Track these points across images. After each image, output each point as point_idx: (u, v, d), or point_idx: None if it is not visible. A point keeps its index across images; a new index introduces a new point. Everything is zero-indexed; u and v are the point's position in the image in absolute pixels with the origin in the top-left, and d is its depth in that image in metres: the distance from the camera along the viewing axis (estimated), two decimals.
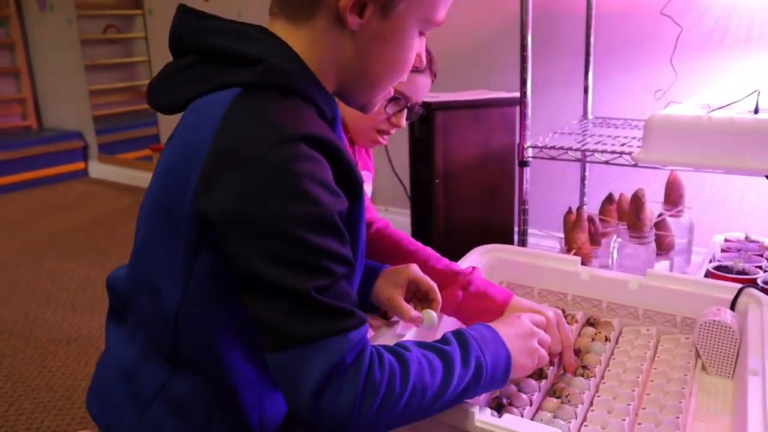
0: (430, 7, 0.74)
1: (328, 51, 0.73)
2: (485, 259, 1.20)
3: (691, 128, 1.25)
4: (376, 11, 0.71)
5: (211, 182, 0.64)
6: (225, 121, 0.65)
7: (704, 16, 1.87)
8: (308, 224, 0.62)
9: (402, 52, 0.75)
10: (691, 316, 1.03)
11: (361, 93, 0.78)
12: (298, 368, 0.62)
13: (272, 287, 0.62)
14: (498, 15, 2.31)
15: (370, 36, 0.72)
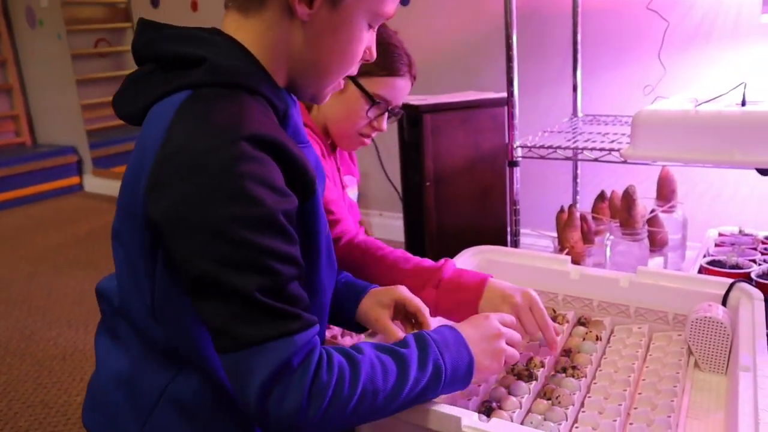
0: (376, 2, 0.76)
1: (278, 41, 0.74)
2: (475, 260, 1.19)
3: (678, 123, 1.25)
4: (325, 2, 0.72)
5: (157, 187, 0.65)
6: (170, 126, 0.66)
7: (691, 10, 1.87)
8: (251, 225, 0.62)
9: (350, 43, 0.76)
10: (682, 312, 1.02)
11: (311, 84, 0.79)
12: (244, 371, 0.63)
13: (216, 290, 0.63)
14: (484, 16, 2.31)
15: (320, 26, 0.73)
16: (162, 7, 3.41)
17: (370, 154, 2.76)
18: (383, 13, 0.77)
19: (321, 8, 0.72)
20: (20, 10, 4.22)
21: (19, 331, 2.16)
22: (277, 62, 0.75)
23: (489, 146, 1.92)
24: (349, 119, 1.20)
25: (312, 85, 0.79)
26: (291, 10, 0.72)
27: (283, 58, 0.75)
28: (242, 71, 0.70)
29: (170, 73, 0.71)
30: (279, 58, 0.75)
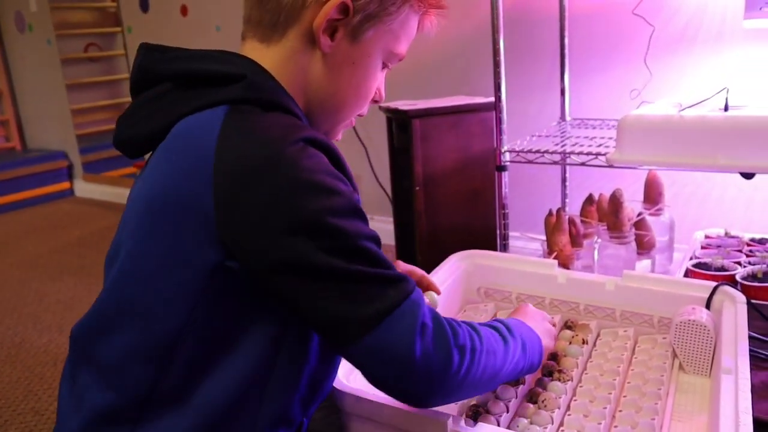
0: (393, 38, 0.78)
1: (298, 70, 0.75)
2: (463, 265, 1.20)
3: (663, 128, 1.26)
4: (346, 35, 0.74)
5: (231, 205, 0.63)
6: (224, 140, 0.64)
7: (676, 14, 1.89)
8: (337, 212, 0.64)
9: (367, 78, 0.78)
10: (667, 316, 1.03)
11: (326, 117, 0.80)
12: (387, 346, 0.63)
13: (326, 280, 0.63)
14: (473, 20, 2.32)
15: (339, 59, 0.75)
16: (152, 12, 3.41)
17: (360, 158, 2.77)
18: (397, 53, 0.80)
19: (342, 41, 0.74)
20: (9, 15, 4.21)
21: (10, 338, 2.16)
22: (296, 92, 0.75)
23: (478, 150, 1.93)
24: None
25: (327, 119, 0.80)
26: (313, 41, 0.73)
27: (302, 88, 0.76)
28: (280, 91, 0.72)
29: (195, 90, 0.70)
30: (298, 89, 0.75)
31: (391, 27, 0.77)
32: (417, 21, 0.81)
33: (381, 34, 0.76)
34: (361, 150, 2.75)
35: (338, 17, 0.72)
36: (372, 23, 0.75)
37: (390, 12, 0.76)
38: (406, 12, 0.77)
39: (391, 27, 0.77)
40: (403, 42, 0.80)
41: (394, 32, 0.77)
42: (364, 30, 0.75)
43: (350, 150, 2.81)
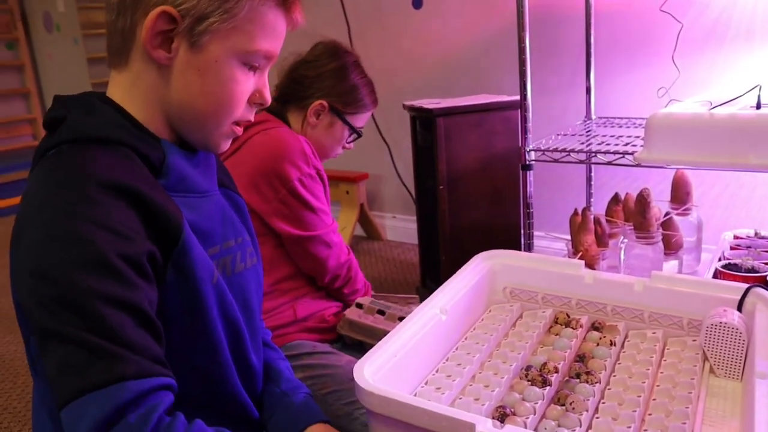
0: (244, 36, 0.74)
1: (146, 91, 0.75)
2: (488, 265, 1.19)
3: (692, 126, 1.24)
4: (184, 44, 0.72)
5: (14, 241, 0.67)
6: (28, 182, 0.69)
7: (705, 11, 1.86)
8: (78, 266, 0.61)
9: (222, 85, 0.75)
10: (697, 317, 1.01)
11: (192, 130, 0.78)
12: (74, 421, 0.59)
13: (49, 338, 0.61)
14: (497, 18, 2.31)
15: (182, 69, 0.73)
16: None
17: (383, 157, 2.77)
18: (256, 51, 0.75)
19: (181, 51, 0.72)
20: (38, 15, 4.27)
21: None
22: (151, 112, 0.75)
23: (502, 149, 1.92)
24: (333, 146, 1.47)
25: (195, 131, 0.78)
26: (151, 57, 0.72)
27: (158, 106, 0.75)
28: (100, 125, 0.71)
29: (46, 138, 0.73)
30: (153, 108, 0.75)
31: (235, 25, 0.73)
32: (276, 12, 0.76)
33: (224, 34, 0.73)
34: (384, 149, 2.75)
35: (167, 27, 0.71)
36: (208, 25, 0.72)
37: (226, 9, 0.72)
38: (246, 7, 0.73)
39: (236, 25, 0.73)
40: (261, 38, 0.75)
41: (240, 30, 0.73)
42: (201, 34, 0.72)
43: (373, 149, 2.81)
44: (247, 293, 0.87)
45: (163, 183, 0.74)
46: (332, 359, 1.26)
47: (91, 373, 0.59)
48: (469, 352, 0.98)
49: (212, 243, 0.80)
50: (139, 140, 0.73)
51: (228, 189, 0.91)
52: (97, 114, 0.73)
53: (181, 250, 0.71)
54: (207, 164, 0.83)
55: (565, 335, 1.02)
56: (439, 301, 0.99)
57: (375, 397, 0.77)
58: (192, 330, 0.75)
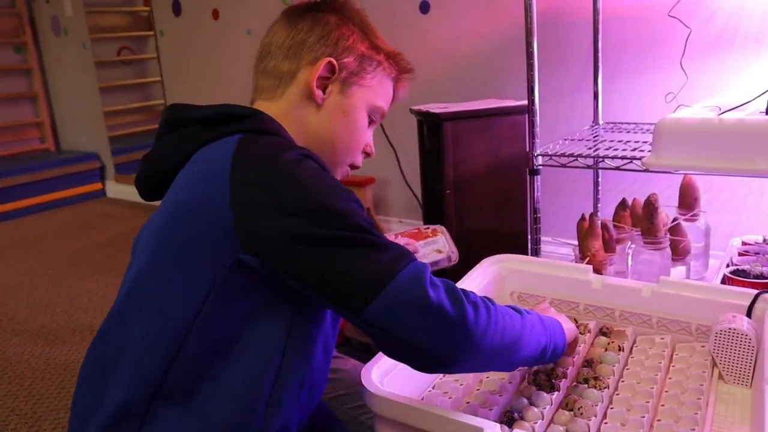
0: (374, 94, 0.92)
1: (297, 119, 0.89)
2: (496, 269, 1.19)
3: (701, 131, 1.24)
4: (336, 89, 0.89)
5: (245, 203, 0.71)
6: (238, 154, 0.74)
7: (713, 16, 1.85)
8: (335, 197, 0.71)
9: (356, 127, 0.92)
10: (706, 323, 1.01)
11: (325, 158, 0.86)
12: (400, 299, 0.67)
13: (335, 247, 0.69)
14: (504, 23, 2.31)
15: (332, 108, 0.90)
16: (184, 16, 3.45)
17: (390, 161, 2.77)
18: (378, 107, 0.93)
19: (333, 94, 0.89)
20: (46, 19, 4.30)
21: (44, 336, 2.19)
22: (296, 137, 0.86)
23: (509, 154, 1.92)
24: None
25: (326, 158, 0.87)
26: (308, 96, 0.88)
27: (302, 134, 0.88)
28: (283, 130, 0.84)
29: (216, 126, 0.81)
30: (298, 134, 0.87)
31: (371, 83, 0.91)
32: (392, 84, 0.95)
33: (364, 89, 0.91)
34: (390, 153, 2.75)
35: (327, 75, 0.88)
36: (355, 79, 0.90)
37: (368, 71, 0.91)
38: (380, 73, 0.93)
39: (371, 83, 0.92)
40: (382, 99, 0.94)
41: (374, 89, 0.92)
42: (350, 84, 0.90)
43: (379, 153, 2.81)
44: None
45: None
46: (338, 363, 1.26)
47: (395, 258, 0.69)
48: None
49: None
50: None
51: None
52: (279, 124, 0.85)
53: None
54: None
55: None
56: None
57: (382, 400, 0.77)
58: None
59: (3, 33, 4.24)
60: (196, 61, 3.47)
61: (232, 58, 3.26)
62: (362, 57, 0.91)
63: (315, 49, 0.89)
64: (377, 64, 0.93)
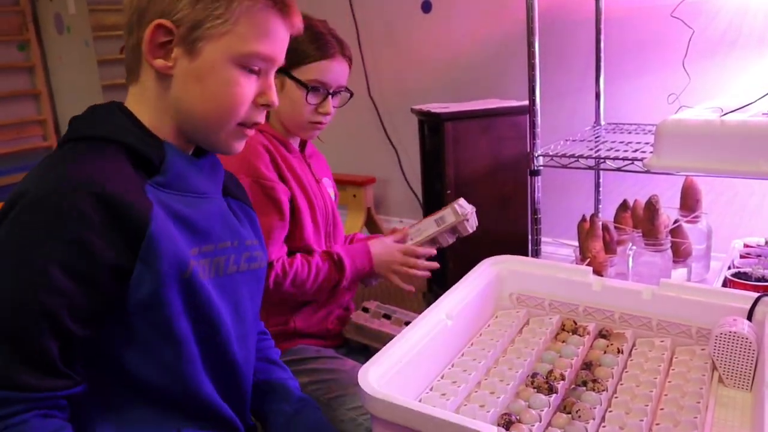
0: (238, 40, 0.78)
1: (154, 100, 0.81)
2: (495, 270, 1.18)
3: (703, 133, 1.23)
4: (183, 53, 0.78)
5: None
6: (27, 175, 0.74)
7: (716, 17, 1.84)
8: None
9: (222, 88, 0.79)
10: (706, 326, 1.00)
11: (200, 133, 0.83)
12: None
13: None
14: (506, 23, 2.30)
15: (182, 76, 0.79)
16: None
17: (390, 160, 2.76)
18: (253, 53, 0.79)
19: (180, 60, 0.78)
20: (49, 17, 4.30)
21: None
22: (159, 120, 0.81)
23: (510, 154, 1.91)
24: (295, 110, 1.28)
25: (202, 134, 0.83)
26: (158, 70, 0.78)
27: (165, 114, 0.81)
28: (97, 124, 0.79)
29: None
30: (161, 116, 0.81)
31: (228, 29, 0.77)
32: (269, 15, 0.79)
33: (218, 39, 0.77)
34: (391, 152, 2.75)
35: (165, 39, 0.77)
36: (201, 33, 0.76)
37: (218, 14, 0.76)
38: (237, 10, 0.77)
39: (229, 29, 0.77)
40: (255, 41, 0.79)
41: (236, 33, 0.77)
42: (196, 41, 0.77)
43: (380, 152, 2.81)
44: (238, 295, 0.89)
45: (159, 180, 0.79)
46: (337, 364, 1.25)
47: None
48: (475, 358, 0.97)
49: (208, 241, 0.84)
50: (140, 141, 0.79)
51: (239, 200, 0.97)
52: (116, 118, 0.80)
53: (148, 245, 0.74)
54: (213, 171, 0.89)
55: (572, 342, 1.02)
56: (446, 306, 0.99)
57: (379, 402, 0.76)
58: (156, 322, 0.77)
59: (6, 31, 4.24)
60: None
61: None
62: (198, 1, 0.76)
63: (146, 13, 0.77)
64: (228, 1, 0.77)
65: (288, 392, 1.00)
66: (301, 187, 1.30)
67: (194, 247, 0.81)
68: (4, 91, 4.25)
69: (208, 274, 0.83)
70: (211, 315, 0.83)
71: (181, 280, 0.78)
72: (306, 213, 1.30)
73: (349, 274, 1.30)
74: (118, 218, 0.71)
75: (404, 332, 0.91)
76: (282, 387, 1.00)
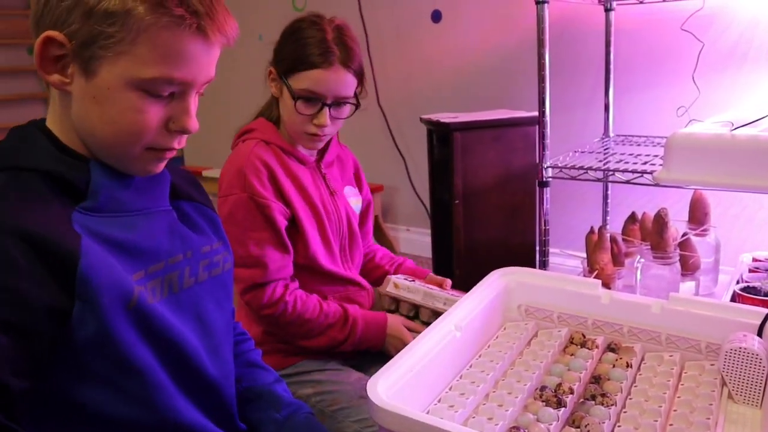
0: (136, 66, 0.69)
1: (62, 115, 0.73)
2: (504, 282, 1.18)
3: (713, 147, 1.23)
4: (78, 71, 0.69)
5: None
6: None
7: (726, 30, 1.84)
8: None
9: (121, 114, 0.71)
10: (716, 342, 0.99)
11: (105, 156, 0.75)
12: None
13: None
14: (516, 33, 2.30)
15: (80, 96, 0.71)
16: None
17: (399, 169, 2.77)
18: (156, 79, 0.69)
19: (76, 77, 0.70)
20: None
21: None
22: (73, 136, 0.74)
23: (519, 165, 1.91)
24: (290, 119, 1.24)
25: (107, 157, 0.75)
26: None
27: (74, 131, 0.74)
28: (11, 152, 0.72)
29: None
30: (71, 132, 0.74)
31: (125, 50, 0.68)
32: (174, 33, 0.68)
33: (114, 61, 0.68)
34: (399, 161, 2.75)
35: (59, 52, 0.69)
36: (95, 51, 0.68)
37: (112, 33, 0.67)
38: (136, 28, 0.67)
39: (127, 50, 0.68)
40: (158, 64, 0.69)
41: (136, 55, 0.68)
42: (91, 60, 0.68)
43: (388, 161, 2.81)
44: (201, 307, 0.84)
45: (88, 205, 0.73)
46: (342, 376, 1.25)
47: None
48: (483, 370, 0.97)
49: (155, 259, 0.78)
50: (62, 164, 0.72)
51: (194, 202, 0.90)
52: (23, 142, 0.73)
53: (82, 281, 0.67)
54: (153, 182, 0.81)
55: (580, 356, 1.01)
56: (454, 317, 0.99)
57: (388, 414, 0.76)
58: (111, 357, 0.71)
59: (16, 34, 4.27)
60: None
61: (242, 63, 3.27)
62: (90, 14, 0.66)
63: (41, 21, 0.69)
64: (125, 16, 0.66)
65: (275, 398, 0.95)
66: (308, 201, 1.26)
67: (138, 270, 0.75)
68: (14, 94, 4.28)
69: (160, 294, 0.78)
70: (170, 337, 0.77)
71: (128, 310, 0.72)
72: (311, 229, 1.26)
73: (355, 341, 1.26)
74: (44, 258, 0.65)
75: (413, 343, 0.91)
76: (269, 393, 0.96)
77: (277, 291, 1.21)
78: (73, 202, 0.72)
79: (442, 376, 0.94)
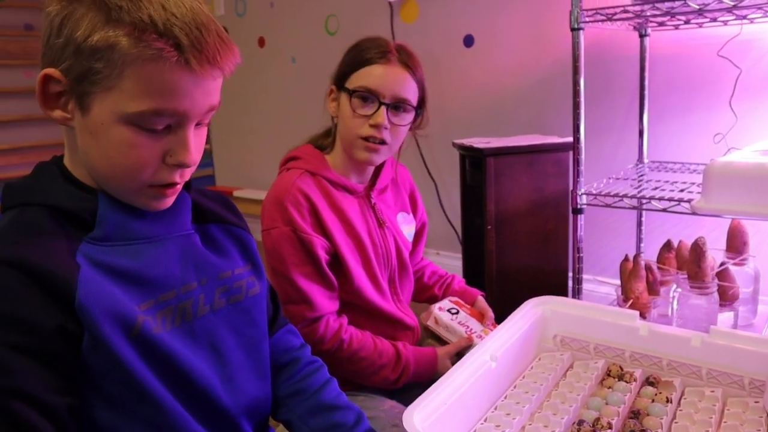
0: (124, 100, 0.69)
1: (72, 153, 0.76)
2: (539, 311, 1.17)
3: (753, 176, 1.20)
4: (75, 108, 0.71)
5: None
6: None
7: (764, 56, 1.82)
8: None
9: (114, 148, 0.71)
10: (759, 378, 0.97)
11: (110, 189, 0.76)
12: None
13: None
14: (549, 58, 2.30)
15: (80, 130, 0.73)
16: None
17: (430, 193, 2.77)
18: (145, 113, 0.69)
19: (75, 113, 0.71)
20: None
21: None
22: (81, 169, 0.76)
23: (552, 191, 1.90)
24: (345, 127, 1.22)
25: (111, 190, 0.76)
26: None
27: (82, 164, 0.76)
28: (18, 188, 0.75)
29: None
30: (80, 165, 0.76)
31: (113, 85, 0.68)
32: (160, 66, 0.68)
33: (104, 96, 0.69)
34: (431, 184, 2.75)
35: (58, 89, 0.70)
36: (87, 87, 0.69)
37: (99, 69, 0.67)
38: (122, 62, 0.67)
39: (115, 84, 0.68)
40: (146, 98, 0.68)
41: (123, 89, 0.68)
42: (84, 96, 0.69)
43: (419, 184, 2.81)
44: (215, 336, 0.83)
45: (96, 235, 0.74)
46: (375, 402, 1.24)
47: None
48: (519, 401, 0.95)
49: (166, 288, 0.78)
50: (71, 198, 0.75)
51: (226, 223, 0.91)
52: (38, 179, 0.77)
53: (81, 311, 0.68)
54: (170, 209, 0.80)
55: (618, 389, 0.99)
56: (490, 347, 0.98)
57: None
58: (124, 383, 0.72)
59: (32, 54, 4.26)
60: (240, 87, 3.54)
61: (276, 85, 3.32)
62: (79, 50, 0.67)
63: (42, 59, 0.71)
64: (110, 51, 0.66)
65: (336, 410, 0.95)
66: (352, 234, 1.24)
67: (147, 299, 0.76)
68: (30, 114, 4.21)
69: (171, 323, 0.78)
70: (178, 367, 0.77)
71: (132, 339, 0.72)
72: (355, 263, 1.24)
73: (406, 381, 1.26)
74: (42, 288, 0.67)
75: (449, 373, 0.90)
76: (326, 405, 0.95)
77: (330, 326, 1.20)
78: (81, 234, 0.74)
79: (477, 407, 0.93)
